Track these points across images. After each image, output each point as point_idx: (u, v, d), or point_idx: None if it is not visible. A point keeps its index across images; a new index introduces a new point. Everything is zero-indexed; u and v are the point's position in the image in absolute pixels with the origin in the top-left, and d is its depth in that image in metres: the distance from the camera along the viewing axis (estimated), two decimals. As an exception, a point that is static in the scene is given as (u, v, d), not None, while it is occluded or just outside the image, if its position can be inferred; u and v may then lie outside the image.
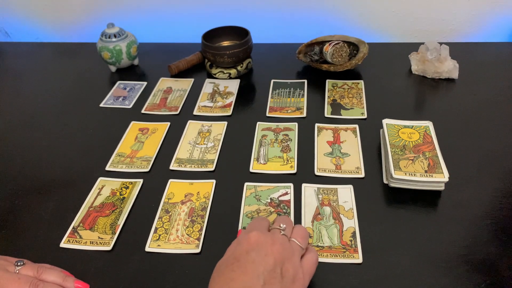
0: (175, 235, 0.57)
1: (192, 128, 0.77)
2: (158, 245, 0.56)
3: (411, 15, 1.03)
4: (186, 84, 0.91)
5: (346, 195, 0.61)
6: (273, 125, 0.77)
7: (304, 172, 0.66)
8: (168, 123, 0.79)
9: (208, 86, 0.89)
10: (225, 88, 0.88)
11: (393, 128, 0.67)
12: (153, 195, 0.64)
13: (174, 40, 1.10)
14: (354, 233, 0.56)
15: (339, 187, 0.63)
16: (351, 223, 0.57)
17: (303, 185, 0.63)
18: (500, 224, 0.56)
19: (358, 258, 0.53)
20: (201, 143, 0.73)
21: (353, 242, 0.55)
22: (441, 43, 0.86)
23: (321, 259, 0.52)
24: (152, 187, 0.65)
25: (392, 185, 0.61)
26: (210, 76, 0.93)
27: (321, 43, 0.92)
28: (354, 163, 0.67)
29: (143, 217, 0.60)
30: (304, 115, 0.79)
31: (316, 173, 0.66)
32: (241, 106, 0.83)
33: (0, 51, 1.10)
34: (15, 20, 1.16)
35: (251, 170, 0.67)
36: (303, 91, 0.86)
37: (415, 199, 0.60)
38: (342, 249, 0.54)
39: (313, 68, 0.93)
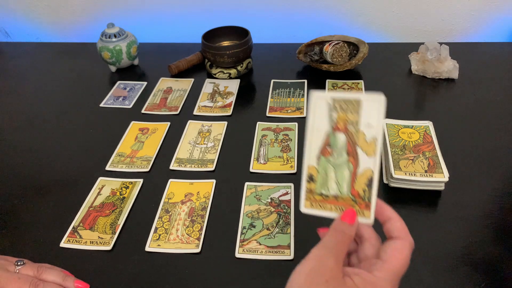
0: (175, 235, 0.57)
1: (192, 128, 0.77)
2: (158, 245, 0.56)
3: (411, 15, 1.03)
4: (186, 84, 0.91)
5: (372, 113, 0.39)
6: (273, 125, 0.77)
7: (304, 172, 0.66)
8: (168, 123, 0.79)
9: (208, 86, 0.89)
10: (225, 88, 0.88)
11: (393, 128, 0.67)
12: (153, 195, 0.64)
13: (174, 40, 1.10)
14: (371, 180, 0.39)
15: (364, 97, 0.40)
16: (370, 162, 0.39)
17: (314, 95, 0.41)
18: (500, 224, 0.56)
19: (369, 218, 0.38)
20: (201, 143, 0.73)
21: (366, 194, 0.39)
22: (441, 43, 0.86)
23: (320, 212, 0.40)
24: (152, 187, 0.65)
25: (392, 185, 0.61)
26: (210, 76, 0.93)
27: (321, 43, 0.92)
28: (354, 163, 0.67)
29: (143, 217, 0.60)
30: (304, 115, 0.79)
31: (316, 173, 0.65)
32: (241, 106, 0.83)
33: (0, 51, 1.10)
34: (15, 20, 1.16)
35: (251, 170, 0.67)
36: (303, 91, 0.86)
37: (415, 199, 0.60)
38: (351, 201, 0.39)
39: (313, 68, 0.93)
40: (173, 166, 0.69)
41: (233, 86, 0.89)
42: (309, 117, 0.40)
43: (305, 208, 0.41)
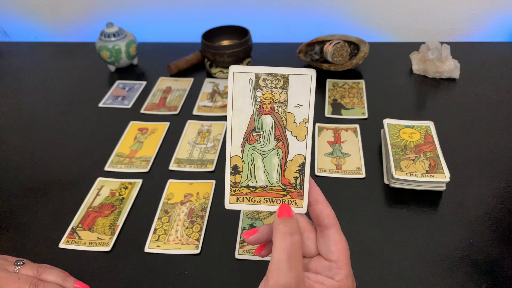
0: (174, 235, 0.57)
1: (191, 128, 0.77)
2: (158, 246, 0.56)
3: (412, 15, 1.03)
4: (185, 83, 0.91)
5: (301, 91, 0.36)
6: (273, 125, 0.76)
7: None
8: (168, 123, 0.78)
9: (207, 86, 0.89)
10: (225, 88, 0.88)
11: (394, 128, 0.67)
12: (153, 196, 0.63)
13: (174, 40, 1.09)
14: (302, 165, 0.36)
15: (292, 71, 0.36)
16: (302, 147, 0.36)
17: (232, 69, 0.36)
18: (501, 225, 0.56)
19: (302, 207, 0.37)
20: (200, 143, 0.73)
21: (298, 181, 0.36)
22: (442, 43, 0.86)
23: (247, 206, 0.37)
24: (151, 187, 0.65)
25: (393, 185, 0.61)
26: (210, 75, 0.92)
27: (322, 42, 0.91)
28: (354, 163, 0.67)
29: (142, 217, 0.60)
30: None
31: (317, 173, 0.65)
32: (241, 105, 0.83)
33: (-1, 50, 1.10)
34: (14, 20, 1.16)
35: (251, 170, 0.67)
36: (303, 91, 0.85)
37: (416, 200, 0.60)
38: (281, 191, 0.37)
39: (314, 67, 0.92)
40: (173, 166, 0.68)
41: (233, 85, 0.89)
42: (229, 97, 0.35)
43: (230, 205, 0.37)
